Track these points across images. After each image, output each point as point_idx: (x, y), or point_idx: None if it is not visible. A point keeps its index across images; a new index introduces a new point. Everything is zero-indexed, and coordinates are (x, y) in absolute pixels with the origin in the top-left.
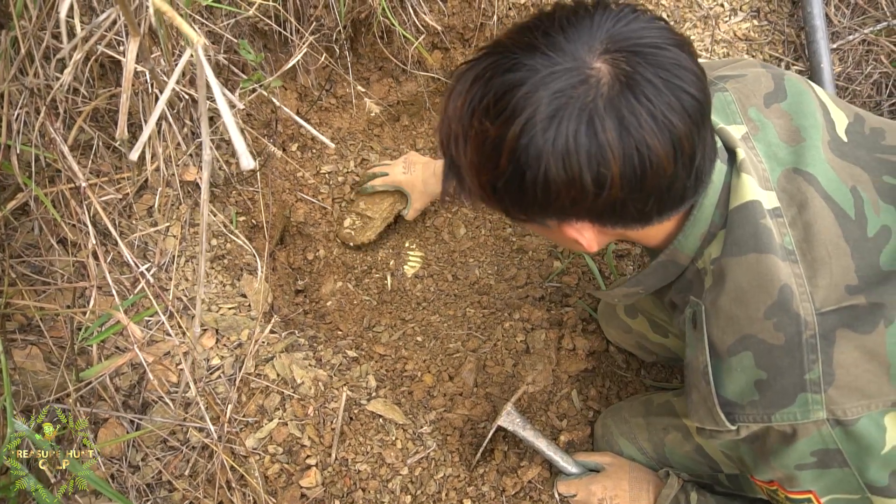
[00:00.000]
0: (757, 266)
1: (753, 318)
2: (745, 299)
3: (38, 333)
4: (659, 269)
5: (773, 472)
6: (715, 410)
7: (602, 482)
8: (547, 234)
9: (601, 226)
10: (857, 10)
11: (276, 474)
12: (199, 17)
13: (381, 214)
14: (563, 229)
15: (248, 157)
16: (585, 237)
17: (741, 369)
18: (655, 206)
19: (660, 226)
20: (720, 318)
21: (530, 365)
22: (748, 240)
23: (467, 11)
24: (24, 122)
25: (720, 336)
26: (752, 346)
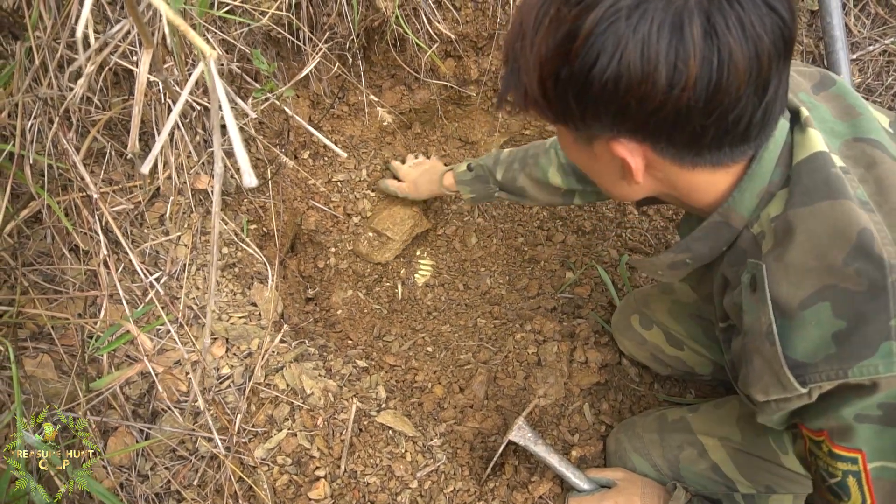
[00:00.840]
0: (831, 212)
1: (832, 267)
2: (820, 248)
3: (50, 342)
4: (710, 231)
5: (827, 421)
6: (782, 372)
7: (614, 498)
8: (589, 162)
9: (654, 148)
10: (877, 21)
11: (284, 486)
12: (212, 27)
13: (401, 237)
14: (612, 147)
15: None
16: (634, 160)
17: (816, 323)
18: (715, 133)
19: (712, 175)
20: (790, 273)
21: (542, 378)
22: (819, 188)
23: (481, 20)
24: (37, 131)
25: (791, 292)
26: (829, 296)
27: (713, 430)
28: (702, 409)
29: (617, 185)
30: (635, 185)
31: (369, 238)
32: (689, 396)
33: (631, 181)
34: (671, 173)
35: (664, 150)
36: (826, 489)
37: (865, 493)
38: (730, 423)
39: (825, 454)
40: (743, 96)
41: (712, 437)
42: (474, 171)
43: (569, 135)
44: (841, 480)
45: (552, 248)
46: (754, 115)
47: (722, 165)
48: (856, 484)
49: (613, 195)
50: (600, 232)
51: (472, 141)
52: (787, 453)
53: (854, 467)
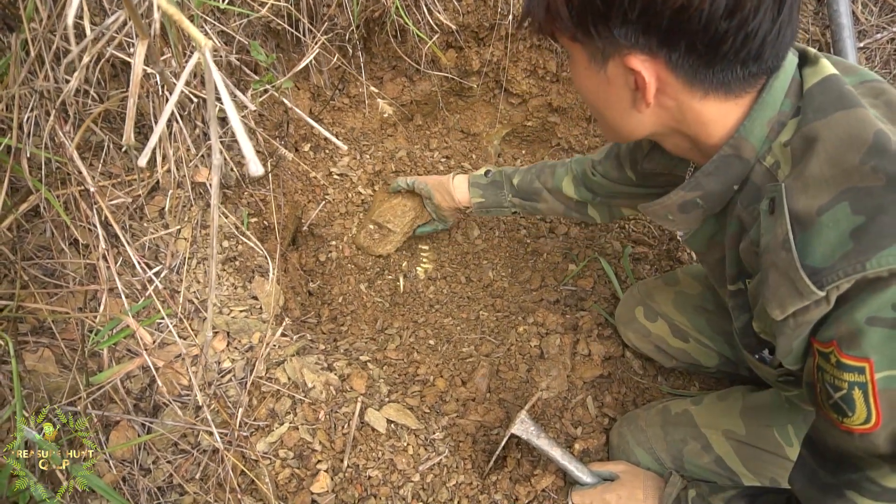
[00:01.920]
0: (846, 119)
1: (849, 170)
2: (837, 155)
3: (51, 336)
4: (721, 165)
5: (838, 328)
6: (798, 277)
7: (616, 491)
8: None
9: (669, 63)
10: (885, 8)
11: (286, 479)
12: (209, 18)
13: (402, 229)
14: (628, 61)
15: (256, 163)
16: (649, 77)
17: (833, 224)
18: (733, 43)
19: (722, 105)
20: (809, 185)
21: (545, 371)
22: (833, 101)
23: (482, 10)
24: (34, 124)
25: (809, 203)
26: (847, 197)
27: (717, 424)
28: (705, 401)
29: (625, 116)
30: (642, 113)
31: (370, 231)
32: (694, 389)
33: (641, 107)
34: (682, 100)
35: (679, 65)
36: (830, 407)
37: (871, 405)
38: (733, 416)
39: (832, 366)
40: (762, 8)
41: (716, 431)
42: (491, 177)
43: (584, 56)
44: (846, 393)
45: (555, 240)
46: (770, 31)
47: (732, 93)
48: (861, 396)
49: (620, 130)
50: (603, 224)
51: (474, 132)
52: (791, 445)
53: (860, 378)
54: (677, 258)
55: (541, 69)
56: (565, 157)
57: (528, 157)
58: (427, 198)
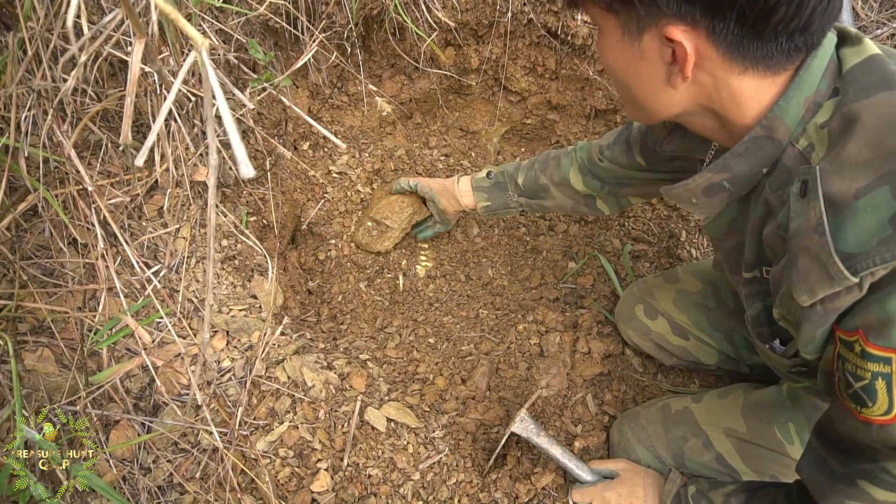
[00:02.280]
0: (889, 101)
1: (890, 153)
2: (879, 137)
3: (50, 335)
4: (752, 147)
5: (866, 317)
6: (832, 261)
7: (617, 489)
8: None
9: (711, 35)
10: (885, 3)
11: (286, 478)
12: (207, 17)
13: (400, 225)
14: (668, 31)
15: (248, 165)
16: (690, 50)
17: (872, 208)
18: (786, 13)
19: (759, 83)
20: (845, 168)
21: (544, 369)
22: (877, 81)
23: (481, 7)
24: (32, 123)
25: (845, 186)
26: (889, 181)
27: (717, 421)
28: (705, 398)
29: (657, 93)
30: (679, 87)
31: (368, 228)
32: (694, 387)
33: (676, 81)
34: (719, 76)
35: (723, 37)
36: (849, 396)
37: (894, 396)
38: (734, 414)
39: (856, 355)
40: None
41: (717, 428)
42: (494, 178)
43: (616, 29)
44: (868, 384)
45: (554, 238)
46: (819, 3)
47: (771, 70)
48: (884, 387)
49: (648, 109)
50: (603, 221)
51: (474, 130)
52: (791, 443)
53: (886, 368)
54: (677, 256)
55: (540, 67)
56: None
57: (528, 155)
58: (431, 201)
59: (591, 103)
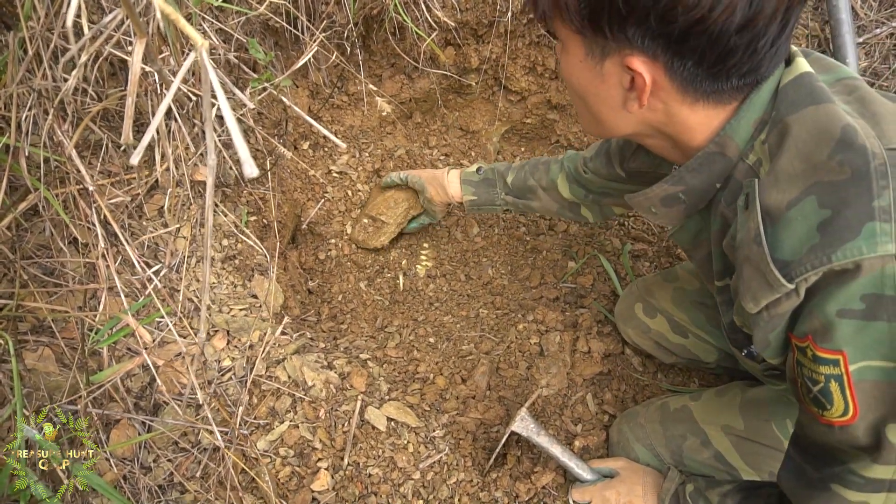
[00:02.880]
0: (815, 114)
1: (817, 164)
2: (806, 150)
3: (50, 335)
4: (704, 161)
5: (811, 322)
6: (769, 270)
7: (616, 488)
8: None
9: (668, 70)
10: (884, 3)
11: (286, 477)
12: (208, 16)
13: (395, 220)
14: (628, 61)
15: (251, 164)
16: (648, 77)
17: (801, 217)
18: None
19: (710, 112)
20: (780, 180)
21: (544, 368)
22: (804, 97)
23: (480, 7)
24: (33, 123)
25: (779, 197)
26: (815, 191)
27: (715, 419)
28: (704, 396)
29: (611, 113)
30: (634, 111)
31: (364, 224)
32: (693, 386)
33: (631, 106)
34: (673, 104)
35: (680, 72)
36: (811, 401)
37: (847, 397)
38: (732, 411)
39: (809, 360)
40: (770, 27)
41: (715, 426)
42: (483, 174)
43: (580, 50)
44: (824, 386)
45: (554, 237)
46: (769, 49)
47: (721, 102)
48: (838, 389)
49: (603, 125)
50: (599, 223)
51: (473, 130)
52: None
53: (836, 370)
54: (677, 255)
55: (540, 66)
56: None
57: (528, 155)
58: (420, 191)
59: None
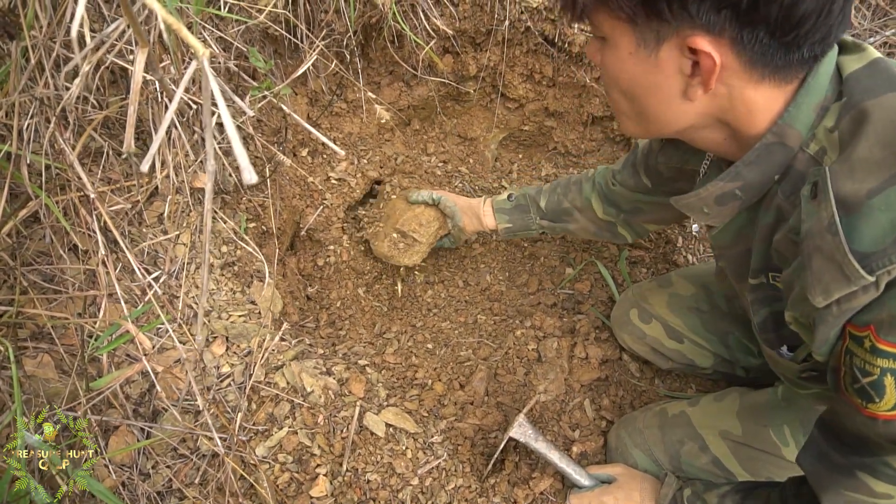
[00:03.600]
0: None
1: None
2: (888, 137)
3: (50, 341)
4: (763, 154)
5: (879, 312)
6: (847, 261)
7: (614, 493)
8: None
9: (736, 45)
10: (878, 12)
11: (285, 483)
12: (208, 25)
13: (427, 240)
14: (693, 42)
15: (251, 171)
16: (717, 56)
17: (885, 207)
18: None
19: (773, 92)
20: (856, 169)
21: (542, 374)
22: (882, 83)
23: (479, 15)
24: (34, 131)
25: (856, 186)
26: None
27: (713, 424)
28: (702, 402)
29: (668, 105)
30: (697, 98)
31: (394, 240)
32: (690, 391)
33: (694, 94)
34: (735, 86)
35: (749, 48)
36: (855, 391)
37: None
38: (730, 417)
39: (866, 350)
40: None
41: (713, 431)
42: (515, 201)
43: (630, 40)
44: (877, 379)
45: (552, 244)
46: (838, 16)
47: (786, 79)
48: (893, 383)
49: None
50: None
51: (472, 137)
52: (787, 445)
53: (895, 364)
54: (674, 261)
55: (537, 74)
56: (562, 161)
57: (525, 162)
58: (451, 216)
59: (587, 110)
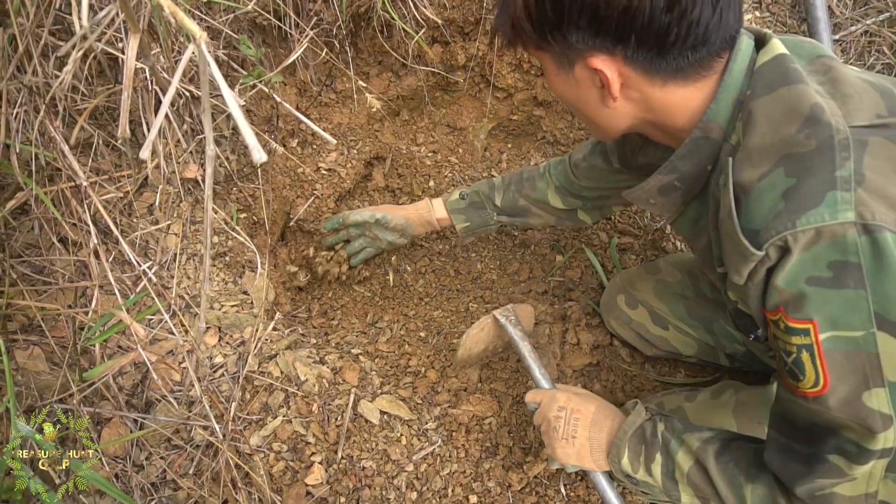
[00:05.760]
0: (787, 95)
1: (786, 139)
2: (776, 126)
3: (41, 333)
4: (693, 147)
5: (781, 294)
6: (739, 241)
7: (569, 395)
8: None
9: (626, 59)
10: (859, 1)
11: (280, 472)
12: (197, 13)
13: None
14: (590, 62)
15: (259, 149)
16: (610, 73)
17: (769, 187)
18: (678, 33)
19: (683, 91)
20: (752, 156)
21: None
22: (778, 78)
23: (467, 5)
24: (23, 120)
25: (751, 172)
26: (783, 162)
27: (709, 420)
28: (699, 398)
29: (600, 113)
30: (613, 107)
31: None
32: (679, 376)
33: (609, 102)
34: (645, 91)
35: (635, 59)
36: (787, 373)
37: (818, 367)
38: (726, 413)
39: (782, 332)
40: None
41: None
42: (468, 199)
43: (553, 64)
44: (796, 357)
45: (542, 231)
46: (711, 17)
47: (689, 79)
48: (809, 359)
49: (602, 128)
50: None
51: (461, 127)
52: None
53: (806, 339)
54: (663, 248)
55: (526, 63)
56: (550, 150)
57: (515, 151)
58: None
59: None
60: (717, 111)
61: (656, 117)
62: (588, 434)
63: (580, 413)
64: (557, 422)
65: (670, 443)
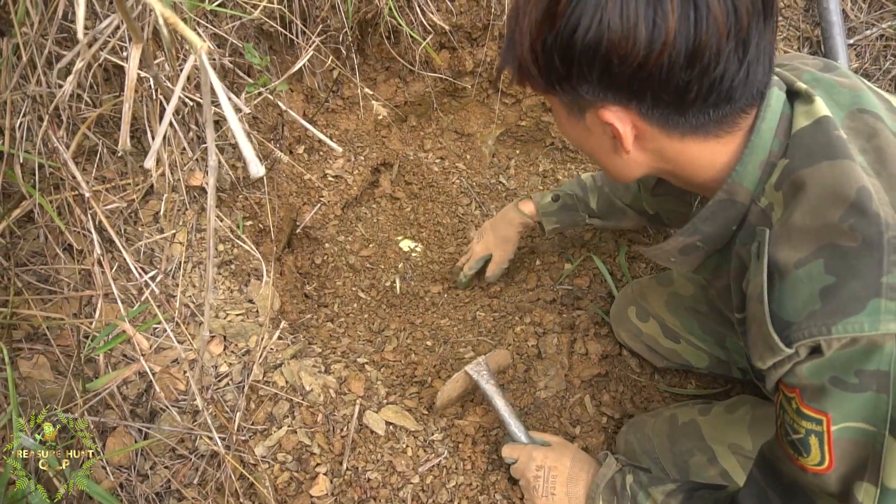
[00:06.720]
0: (831, 172)
1: (829, 225)
2: (819, 208)
3: (45, 342)
4: (717, 210)
5: (801, 381)
6: (768, 333)
7: (545, 451)
8: (584, 137)
9: (641, 113)
10: (874, 5)
11: (285, 483)
12: (202, 21)
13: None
14: (601, 114)
15: (256, 163)
16: (623, 127)
17: (807, 279)
18: (699, 90)
19: (703, 146)
20: (792, 235)
21: (542, 370)
22: (821, 149)
23: (475, 10)
24: (27, 130)
25: (789, 254)
26: (824, 254)
27: (723, 437)
28: (713, 412)
29: (612, 160)
30: (627, 157)
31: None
32: (690, 387)
33: (622, 153)
34: (661, 144)
35: (651, 114)
36: (787, 443)
37: (825, 451)
38: (741, 431)
39: (793, 411)
40: (724, 52)
41: (722, 444)
42: (560, 201)
43: (563, 109)
44: (803, 438)
45: (550, 239)
46: (737, 73)
47: (711, 134)
48: (817, 443)
49: (615, 173)
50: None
51: (468, 133)
52: None
53: (818, 428)
54: None
55: None
56: (559, 156)
57: (523, 157)
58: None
59: None
60: (744, 174)
61: (675, 168)
62: (566, 489)
63: (557, 470)
64: (537, 481)
65: (638, 495)
